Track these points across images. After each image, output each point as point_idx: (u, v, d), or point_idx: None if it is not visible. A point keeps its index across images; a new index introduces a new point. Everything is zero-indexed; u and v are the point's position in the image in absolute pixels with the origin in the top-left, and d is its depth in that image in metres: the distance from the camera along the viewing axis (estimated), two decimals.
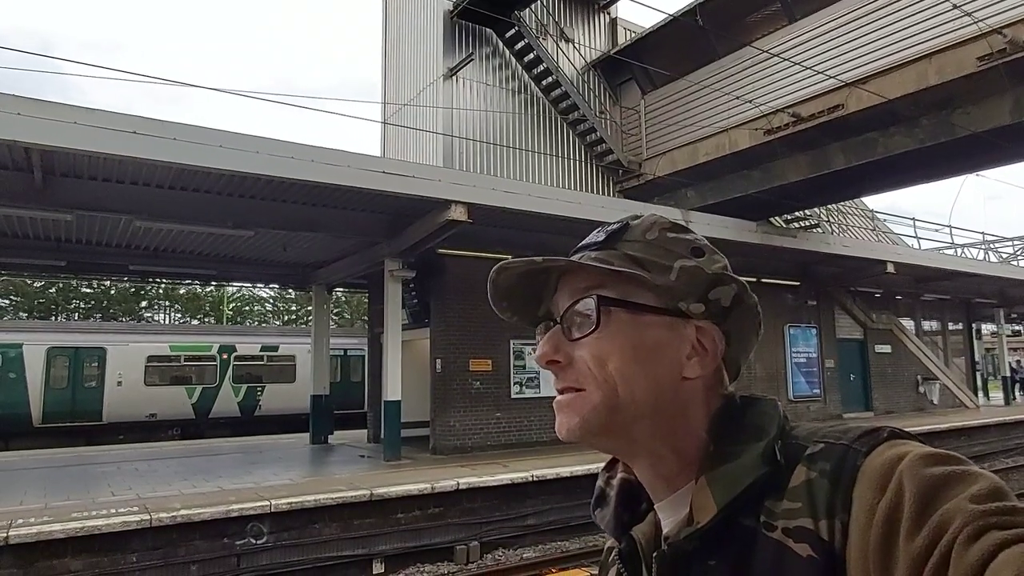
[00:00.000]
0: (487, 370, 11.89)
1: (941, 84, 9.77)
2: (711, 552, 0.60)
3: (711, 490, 0.61)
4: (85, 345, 17.65)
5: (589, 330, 0.64)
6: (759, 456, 0.61)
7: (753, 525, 0.59)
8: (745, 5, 12.90)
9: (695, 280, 0.67)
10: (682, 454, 0.65)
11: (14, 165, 7.93)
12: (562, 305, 0.68)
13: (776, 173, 12.64)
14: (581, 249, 0.71)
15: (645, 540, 0.69)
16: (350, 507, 7.89)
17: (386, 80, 16.27)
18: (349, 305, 37.74)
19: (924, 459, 0.52)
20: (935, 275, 18.10)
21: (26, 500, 7.81)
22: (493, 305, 0.71)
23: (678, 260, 0.67)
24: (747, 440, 0.62)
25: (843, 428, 0.61)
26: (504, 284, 0.70)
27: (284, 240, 11.41)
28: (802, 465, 0.59)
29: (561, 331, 0.67)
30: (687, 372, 0.65)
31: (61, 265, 12.14)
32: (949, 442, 14.47)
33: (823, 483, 0.56)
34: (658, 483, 0.67)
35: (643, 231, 0.69)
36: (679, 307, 0.66)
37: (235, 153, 7.87)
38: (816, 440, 0.60)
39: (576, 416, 0.65)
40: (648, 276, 0.65)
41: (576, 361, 0.65)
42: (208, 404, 18.99)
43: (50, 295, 32.54)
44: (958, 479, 0.49)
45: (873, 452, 0.55)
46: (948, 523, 0.46)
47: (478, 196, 9.55)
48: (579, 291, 0.66)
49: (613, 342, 0.64)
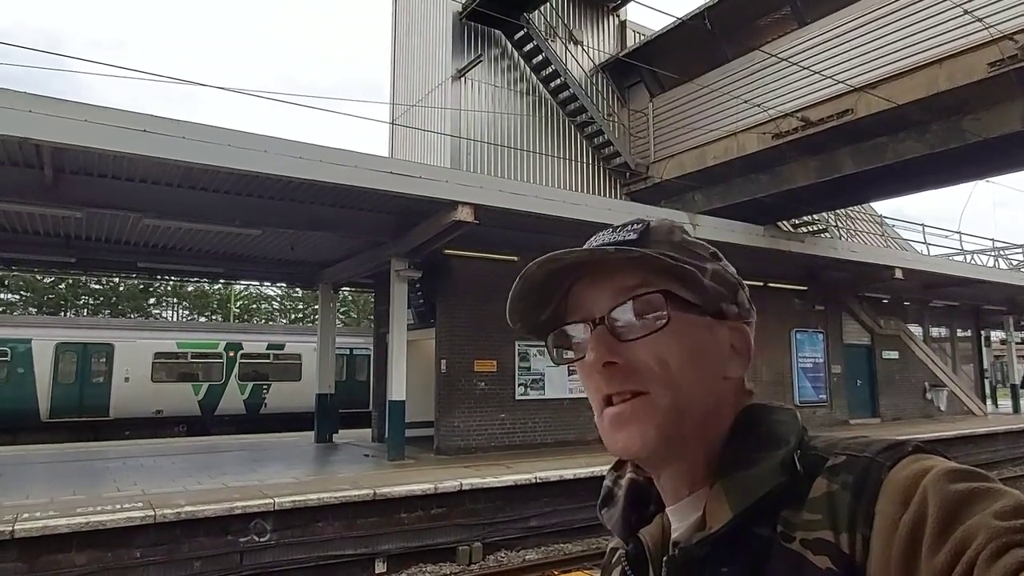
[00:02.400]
0: (492, 371, 11.90)
1: (951, 90, 9.71)
2: (724, 559, 0.59)
3: (726, 496, 0.60)
4: (93, 341, 17.77)
5: (653, 328, 0.62)
6: (778, 465, 0.60)
7: (768, 534, 0.58)
8: (755, 8, 12.86)
9: (725, 283, 0.67)
10: (707, 455, 0.65)
11: (25, 162, 8.00)
12: (601, 305, 0.65)
13: (784, 177, 12.59)
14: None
15: (652, 543, 0.68)
16: (353, 506, 7.90)
17: (394, 81, 16.31)
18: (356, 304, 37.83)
19: (948, 474, 0.51)
20: (944, 281, 18.00)
21: (32, 494, 7.86)
22: (510, 304, 0.68)
23: (707, 263, 0.67)
24: (766, 448, 0.62)
25: (866, 441, 0.60)
26: (537, 279, 0.66)
27: (291, 239, 11.45)
28: (823, 476, 0.58)
29: (607, 331, 0.64)
30: (728, 372, 0.66)
31: (71, 262, 12.23)
32: (956, 450, 14.37)
33: (845, 495, 0.55)
34: (681, 485, 0.66)
35: (667, 233, 0.68)
36: (720, 307, 0.66)
37: (244, 152, 7.91)
38: (837, 452, 0.59)
39: (650, 425, 0.62)
40: (696, 273, 0.64)
41: (634, 363, 0.63)
42: (214, 401, 19.08)
43: (59, 291, 32.77)
44: (983, 495, 0.48)
45: (897, 466, 0.55)
46: (971, 539, 0.45)
47: (484, 197, 9.56)
48: (627, 289, 0.64)
49: (673, 341, 0.62)
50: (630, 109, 15.57)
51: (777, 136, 11.92)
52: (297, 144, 8.34)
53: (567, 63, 14.40)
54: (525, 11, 13.40)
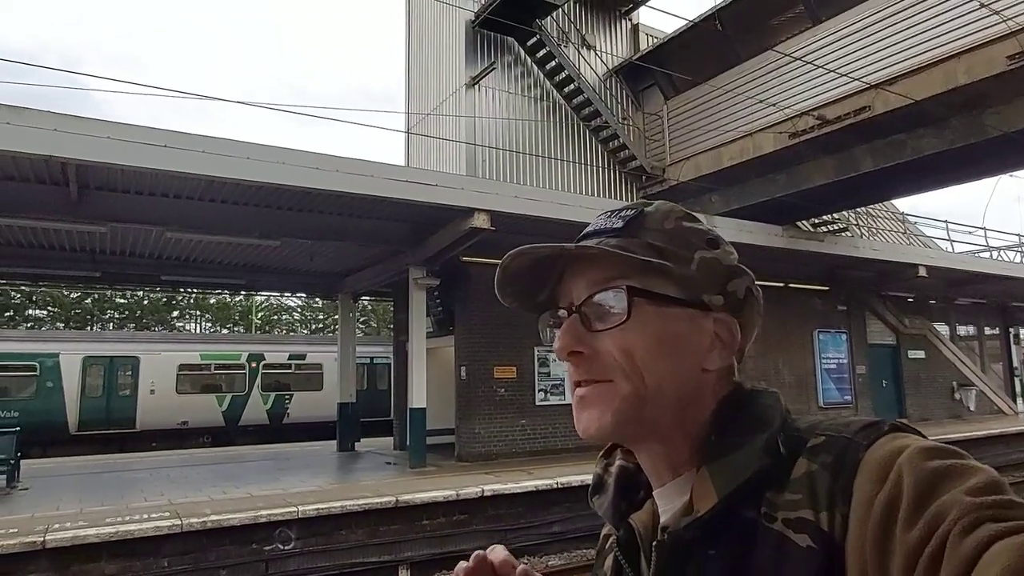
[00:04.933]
0: (511, 377, 11.91)
1: (970, 84, 9.57)
2: (711, 542, 0.60)
3: (712, 480, 0.61)
4: (119, 354, 18.07)
5: (618, 322, 0.63)
6: (761, 447, 0.61)
7: (754, 516, 0.59)
8: (768, 8, 12.79)
9: (714, 272, 0.67)
10: (691, 441, 0.65)
11: (51, 179, 8.19)
12: (578, 294, 0.67)
13: (802, 176, 12.48)
14: (594, 235, 0.69)
15: (644, 528, 0.69)
16: (376, 513, 7.95)
17: (409, 90, 16.43)
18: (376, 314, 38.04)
19: (924, 452, 0.52)
20: (969, 279, 17.69)
21: (62, 505, 8.01)
22: (498, 289, 0.70)
23: (697, 251, 0.67)
24: (750, 431, 0.63)
25: (844, 421, 0.61)
26: (515, 269, 0.69)
27: (311, 249, 11.58)
28: (803, 457, 0.59)
29: (579, 321, 0.66)
30: (707, 364, 0.66)
31: (96, 276, 12.48)
32: (986, 449, 14.08)
33: (824, 475, 0.56)
34: (662, 467, 0.67)
35: (660, 220, 0.68)
36: (701, 299, 0.66)
37: (262, 164, 8.03)
38: (818, 433, 0.60)
39: (607, 410, 0.64)
40: (673, 267, 0.65)
41: (600, 352, 0.65)
42: (238, 412, 19.28)
43: (86, 306, 33.35)
44: (957, 472, 0.49)
45: (874, 445, 0.56)
46: (944, 515, 0.46)
47: (500, 204, 9.60)
48: (600, 281, 0.65)
49: (639, 333, 0.63)
50: (644, 112, 15.54)
51: (793, 135, 11.83)
52: (314, 155, 8.45)
53: (580, 68, 14.43)
54: (537, 18, 13.45)
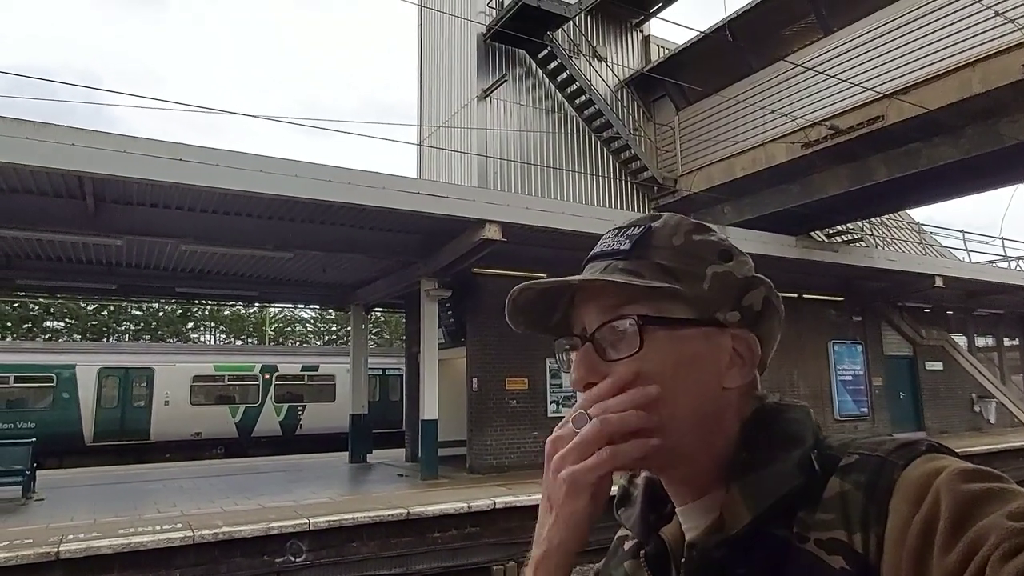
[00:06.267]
0: (523, 388, 11.87)
1: (986, 92, 9.50)
2: (740, 561, 0.59)
3: (743, 498, 0.59)
4: (134, 366, 18.23)
5: (630, 351, 0.62)
6: (795, 465, 0.59)
7: (785, 535, 0.57)
8: (779, 19, 12.78)
9: (728, 287, 0.65)
10: (716, 461, 0.64)
11: (68, 193, 8.31)
12: (591, 322, 0.65)
13: (815, 187, 12.41)
14: (601, 257, 0.67)
15: (675, 543, 0.67)
16: (387, 525, 7.92)
17: (421, 103, 16.56)
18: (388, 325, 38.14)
19: (962, 474, 0.51)
20: (987, 289, 17.46)
21: (77, 516, 8.05)
22: (509, 319, 0.70)
23: (709, 267, 0.65)
24: (781, 448, 0.61)
25: (878, 440, 0.59)
26: (523, 301, 0.68)
27: (323, 261, 11.65)
28: (836, 476, 0.58)
29: (593, 350, 0.64)
30: (727, 382, 0.64)
31: (112, 288, 12.63)
32: (1008, 463, 13.83)
33: (858, 495, 0.55)
34: (685, 489, 0.66)
35: (668, 236, 0.66)
36: (716, 317, 0.64)
37: (276, 177, 8.11)
38: (851, 451, 0.59)
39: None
40: (684, 289, 0.63)
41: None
42: (251, 423, 19.37)
43: (101, 317, 33.70)
44: (996, 496, 0.48)
45: (910, 465, 0.54)
46: (983, 539, 0.45)
47: (512, 215, 9.61)
48: (610, 308, 0.64)
49: (654, 361, 0.61)
50: (656, 123, 15.55)
51: (806, 145, 11.77)
52: (326, 168, 8.51)
53: (592, 79, 14.47)
54: (548, 30, 13.52)
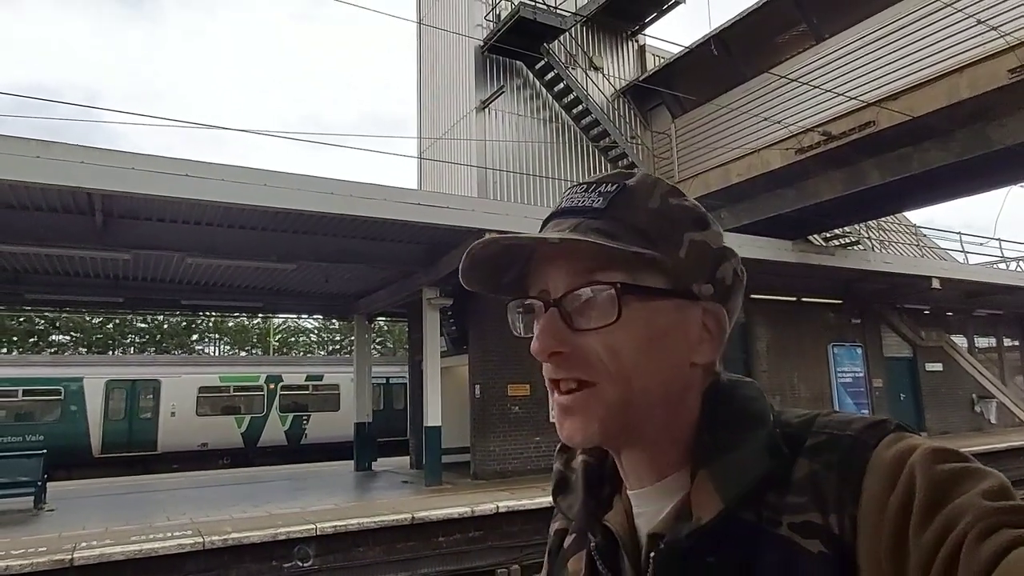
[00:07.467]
0: (525, 395, 12.01)
1: (974, 97, 9.66)
2: (709, 549, 0.56)
3: (714, 484, 0.57)
4: (141, 378, 18.38)
5: (605, 322, 0.58)
6: (763, 447, 0.57)
7: (754, 520, 0.55)
8: (771, 27, 12.98)
9: (703, 257, 0.62)
10: (678, 440, 0.61)
11: (77, 209, 8.52)
12: (555, 286, 0.61)
13: (810, 191, 12.56)
14: (569, 214, 0.62)
15: (623, 531, 0.64)
16: (392, 530, 8.06)
17: (420, 115, 16.78)
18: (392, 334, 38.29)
19: (936, 453, 0.50)
20: (986, 290, 17.56)
21: (88, 525, 8.20)
22: (462, 276, 0.64)
23: (686, 233, 0.61)
24: (747, 428, 0.59)
25: (845, 418, 0.58)
26: (482, 257, 0.62)
27: (326, 272, 11.83)
28: (804, 457, 0.56)
29: (559, 317, 0.60)
30: (696, 358, 0.61)
31: (119, 301, 12.82)
32: (1008, 463, 13.88)
33: (830, 476, 0.54)
34: (644, 470, 0.63)
35: (645, 197, 0.62)
36: (691, 289, 0.61)
37: (279, 191, 8.30)
38: (816, 431, 0.57)
39: (593, 419, 0.59)
40: (661, 256, 0.59)
41: (585, 351, 0.59)
42: (256, 433, 19.50)
43: (107, 331, 33.93)
44: (970, 475, 0.48)
45: (880, 444, 0.53)
46: (960, 517, 0.45)
47: (511, 224, 9.78)
48: (581, 272, 0.59)
49: (627, 332, 0.58)
50: (653, 131, 15.74)
51: (800, 151, 11.94)
52: (328, 181, 8.70)
53: (588, 89, 14.67)
54: (545, 42, 13.74)
